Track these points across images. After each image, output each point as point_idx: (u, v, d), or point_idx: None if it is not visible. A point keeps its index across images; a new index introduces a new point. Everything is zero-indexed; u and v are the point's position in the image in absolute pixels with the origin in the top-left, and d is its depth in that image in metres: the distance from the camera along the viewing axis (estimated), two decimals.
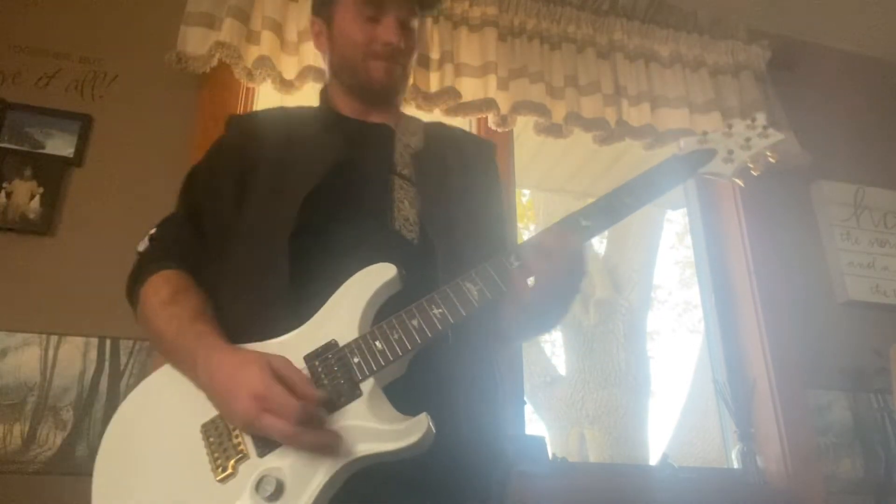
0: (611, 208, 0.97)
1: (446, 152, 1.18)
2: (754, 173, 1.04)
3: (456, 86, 2.07)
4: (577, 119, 2.14)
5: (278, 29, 1.97)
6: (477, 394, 0.99)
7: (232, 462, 0.83)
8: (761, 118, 1.05)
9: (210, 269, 1.03)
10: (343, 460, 0.81)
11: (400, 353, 0.87)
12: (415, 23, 1.18)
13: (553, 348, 4.84)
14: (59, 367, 1.61)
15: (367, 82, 1.15)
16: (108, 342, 1.66)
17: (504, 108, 2.09)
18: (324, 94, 1.26)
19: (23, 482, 1.51)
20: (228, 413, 0.85)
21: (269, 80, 1.92)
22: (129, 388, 1.62)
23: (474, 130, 2.27)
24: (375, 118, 1.19)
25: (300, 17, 2.02)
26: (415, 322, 0.88)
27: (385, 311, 0.91)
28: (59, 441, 1.55)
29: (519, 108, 2.10)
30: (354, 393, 0.84)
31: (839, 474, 2.06)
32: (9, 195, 1.72)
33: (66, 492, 1.51)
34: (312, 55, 1.97)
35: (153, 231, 1.09)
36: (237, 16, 1.91)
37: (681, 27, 2.41)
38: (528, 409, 4.13)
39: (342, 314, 0.90)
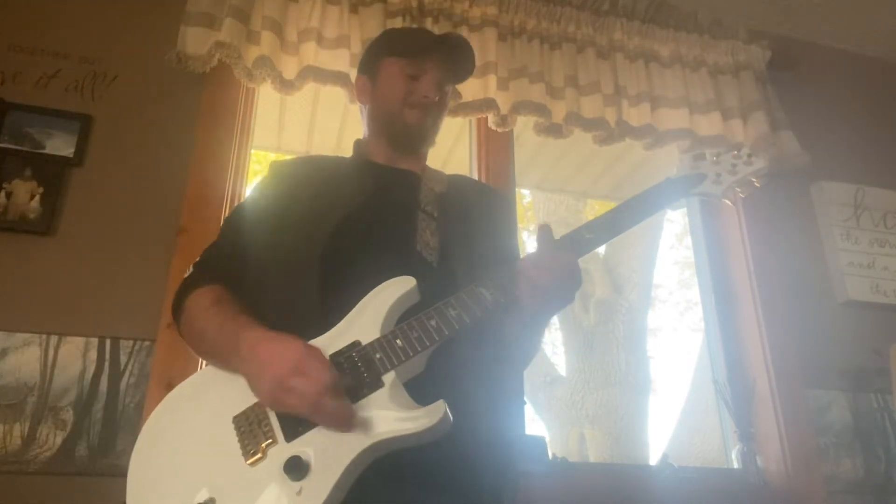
0: (611, 224, 1.08)
1: (468, 197, 1.31)
2: (741, 195, 1.17)
3: (456, 86, 2.07)
4: (577, 119, 2.14)
5: (278, 29, 1.97)
6: (490, 397, 1.06)
7: (262, 447, 0.90)
8: (745, 149, 1.17)
9: (248, 292, 1.12)
10: (366, 442, 0.87)
11: (419, 349, 0.95)
12: (448, 87, 1.34)
13: (553, 348, 4.85)
14: (59, 367, 1.61)
15: (402, 127, 1.29)
16: (108, 342, 1.66)
17: (504, 108, 2.09)
18: (357, 145, 1.39)
19: (23, 482, 1.51)
20: (262, 375, 0.92)
21: (268, 81, 1.93)
22: (129, 387, 1.63)
23: (474, 130, 2.27)
24: (403, 165, 1.31)
25: (300, 17, 2.02)
26: (433, 322, 0.97)
27: (405, 321, 0.99)
28: (59, 441, 1.56)
29: (519, 108, 2.10)
30: (377, 384, 0.93)
31: (839, 474, 2.05)
32: (9, 195, 1.72)
33: (66, 492, 1.51)
34: (312, 55, 1.97)
35: (197, 259, 1.19)
36: (237, 16, 1.91)
37: (681, 27, 2.41)
38: (528, 409, 4.13)
39: (365, 319, 0.99)
